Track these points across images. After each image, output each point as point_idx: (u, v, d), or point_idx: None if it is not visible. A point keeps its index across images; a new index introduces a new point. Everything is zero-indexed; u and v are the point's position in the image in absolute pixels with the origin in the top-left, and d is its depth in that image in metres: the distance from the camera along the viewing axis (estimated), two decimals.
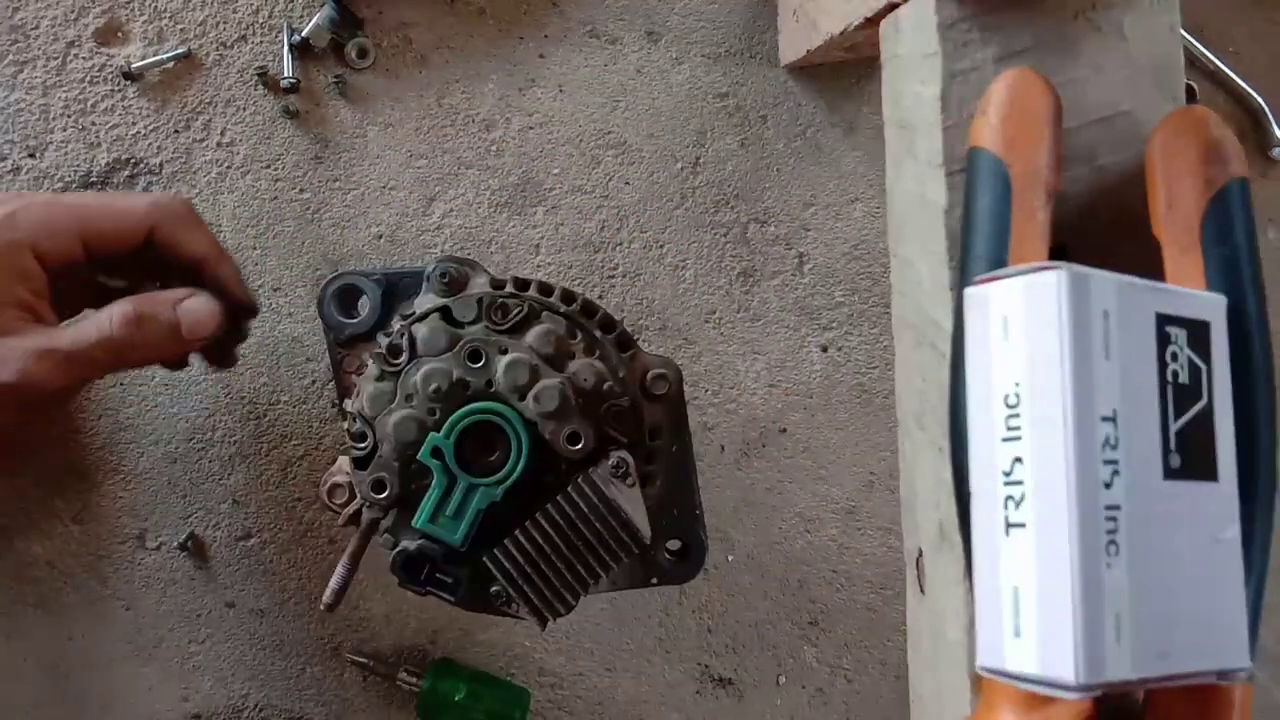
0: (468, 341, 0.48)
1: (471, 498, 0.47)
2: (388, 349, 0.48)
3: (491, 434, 0.47)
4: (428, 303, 0.50)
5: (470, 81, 0.60)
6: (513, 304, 0.49)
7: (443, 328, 0.48)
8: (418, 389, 0.47)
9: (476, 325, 0.48)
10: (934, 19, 0.38)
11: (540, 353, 0.48)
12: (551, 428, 0.47)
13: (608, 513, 0.47)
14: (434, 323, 0.48)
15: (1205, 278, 0.35)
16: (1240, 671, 0.32)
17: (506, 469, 0.47)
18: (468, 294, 0.50)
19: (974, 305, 0.33)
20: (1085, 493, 0.29)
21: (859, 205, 0.63)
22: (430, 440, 0.46)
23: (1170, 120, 0.36)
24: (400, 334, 0.49)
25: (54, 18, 0.58)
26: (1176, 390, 0.32)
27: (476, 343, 0.47)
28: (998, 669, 0.31)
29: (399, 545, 0.48)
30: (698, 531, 0.52)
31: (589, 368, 0.48)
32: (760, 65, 0.62)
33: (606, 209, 0.61)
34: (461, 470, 0.47)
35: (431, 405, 0.47)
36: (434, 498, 0.47)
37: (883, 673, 0.63)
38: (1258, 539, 0.34)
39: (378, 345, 0.50)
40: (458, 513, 0.47)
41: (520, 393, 0.47)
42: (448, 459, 0.47)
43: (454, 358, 0.47)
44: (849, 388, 0.63)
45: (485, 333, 0.48)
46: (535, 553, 0.47)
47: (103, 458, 0.58)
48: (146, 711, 0.58)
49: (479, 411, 0.47)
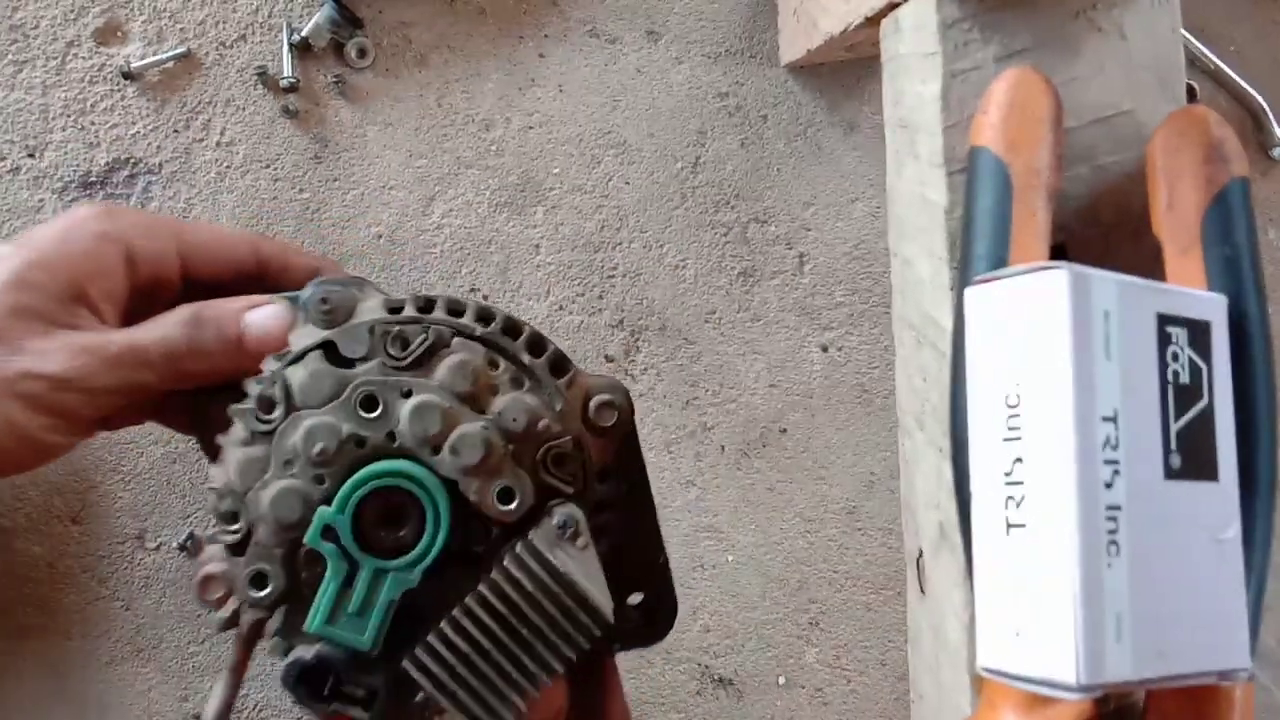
0: (359, 385, 0.38)
1: (379, 587, 0.37)
2: (257, 402, 0.39)
3: (399, 502, 0.38)
4: (306, 337, 0.40)
5: (470, 81, 0.60)
6: (414, 332, 0.39)
7: (326, 370, 0.39)
8: (298, 452, 0.37)
9: (370, 363, 0.39)
10: (934, 19, 0.38)
11: (455, 391, 0.38)
12: (476, 486, 0.38)
13: (558, 586, 0.37)
14: (314, 364, 0.39)
15: (1206, 278, 0.35)
16: (1241, 672, 0.32)
17: (422, 545, 0.37)
18: (355, 323, 0.40)
19: (974, 305, 0.33)
20: (1086, 493, 0.29)
21: (859, 205, 0.63)
22: (320, 518, 0.37)
23: (1171, 120, 0.36)
24: (271, 381, 0.39)
25: (53, 17, 0.57)
26: (1177, 390, 0.32)
27: (370, 386, 0.38)
28: (998, 669, 0.31)
29: (291, 653, 0.38)
30: (665, 586, 0.44)
31: (518, 404, 0.39)
32: (760, 65, 0.62)
33: (606, 209, 0.61)
34: (364, 552, 0.37)
35: (318, 472, 0.38)
36: (330, 591, 0.37)
37: (883, 673, 0.63)
38: (1258, 539, 0.34)
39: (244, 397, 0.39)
40: (363, 608, 0.37)
41: (432, 445, 0.38)
42: (344, 540, 0.37)
43: (343, 408, 0.38)
44: (849, 388, 0.63)
45: (382, 372, 0.39)
46: (470, 648, 0.37)
47: (103, 458, 0.58)
48: (146, 711, 0.58)
49: (381, 475, 0.37)
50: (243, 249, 0.46)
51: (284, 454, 0.38)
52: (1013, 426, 0.31)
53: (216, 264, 0.45)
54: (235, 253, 0.45)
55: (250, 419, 0.39)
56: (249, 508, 0.38)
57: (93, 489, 0.58)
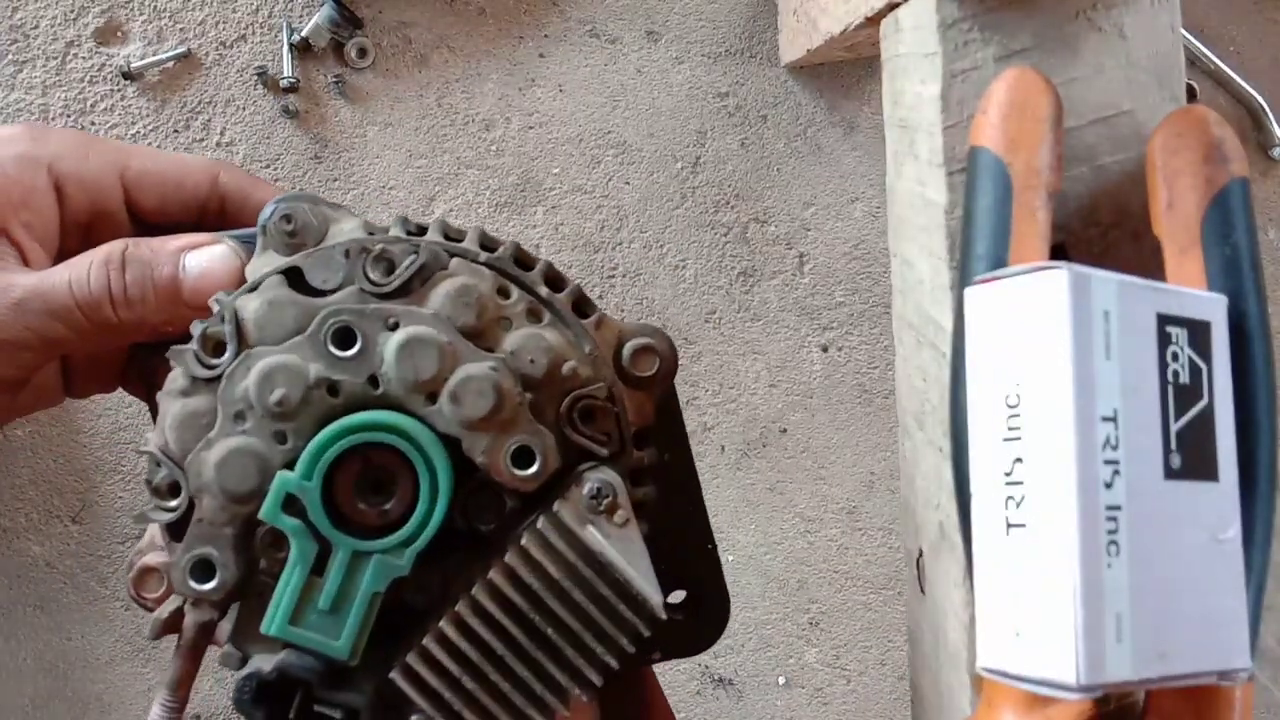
0: (331, 315, 0.30)
1: (358, 575, 0.29)
2: (200, 341, 0.31)
3: (383, 465, 0.30)
4: (264, 265, 0.32)
5: (470, 81, 0.60)
6: (401, 251, 0.31)
7: (287, 297, 0.31)
8: (252, 401, 0.30)
9: (344, 291, 0.31)
10: (934, 18, 0.38)
11: (456, 324, 0.31)
12: (485, 444, 0.30)
13: (591, 572, 0.29)
14: (272, 290, 0.31)
15: (1206, 278, 0.35)
16: (1241, 672, 0.32)
17: (414, 521, 0.29)
18: (327, 245, 0.32)
19: (974, 305, 0.33)
20: (1086, 493, 0.29)
21: (859, 205, 0.63)
22: (280, 485, 0.29)
23: (1171, 120, 0.36)
24: (219, 316, 0.31)
25: (53, 17, 0.57)
26: (1177, 390, 0.32)
27: (345, 316, 0.30)
28: (998, 669, 0.31)
29: (248, 664, 0.30)
30: (714, 577, 0.36)
31: (536, 341, 0.31)
32: (760, 65, 0.62)
33: (606, 209, 0.61)
34: (338, 530, 0.29)
35: (278, 427, 0.30)
36: (294, 582, 0.29)
37: (883, 673, 0.63)
38: (1258, 539, 0.34)
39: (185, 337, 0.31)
40: (338, 603, 0.29)
41: (427, 392, 0.30)
42: (312, 514, 0.29)
43: (310, 344, 0.30)
44: (849, 388, 0.63)
45: (360, 299, 0.31)
46: (478, 653, 0.29)
47: (103, 458, 0.58)
48: (146, 711, 0.58)
49: (359, 429, 0.29)
50: (199, 178, 0.39)
51: (233, 404, 0.30)
52: (1013, 426, 0.31)
53: (168, 195, 0.38)
54: (190, 181, 0.38)
55: (190, 362, 0.30)
56: (190, 475, 0.30)
57: (93, 489, 0.58)
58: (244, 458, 0.30)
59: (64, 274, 0.34)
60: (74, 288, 0.34)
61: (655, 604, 0.30)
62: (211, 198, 0.39)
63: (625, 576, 0.30)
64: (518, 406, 0.30)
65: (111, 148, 0.38)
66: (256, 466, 0.30)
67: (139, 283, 0.34)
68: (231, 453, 0.30)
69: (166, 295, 0.34)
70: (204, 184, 0.39)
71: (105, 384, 0.41)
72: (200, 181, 0.39)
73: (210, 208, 0.39)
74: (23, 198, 0.35)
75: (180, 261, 0.35)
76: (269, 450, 0.30)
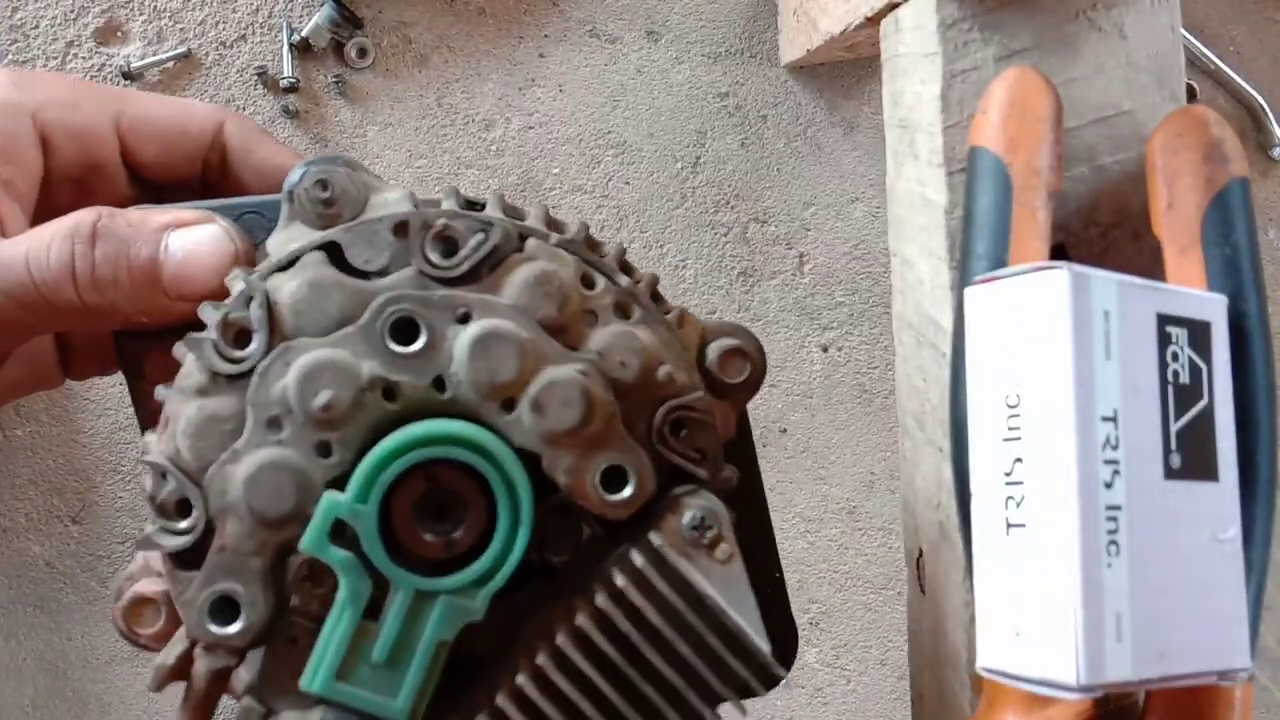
0: (390, 303, 0.25)
1: (422, 620, 0.24)
2: (220, 329, 0.26)
3: (451, 486, 0.25)
4: (293, 239, 0.27)
5: (470, 81, 0.60)
6: (465, 228, 0.26)
7: (333, 279, 0.26)
8: (291, 404, 0.25)
9: (397, 274, 0.26)
10: (934, 19, 0.38)
11: (536, 316, 0.26)
12: (569, 462, 0.25)
13: (697, 619, 0.25)
14: (314, 270, 0.26)
15: (1206, 278, 0.35)
16: (1241, 672, 0.32)
17: (492, 554, 0.25)
18: (370, 217, 0.27)
19: (974, 305, 0.33)
20: (1086, 493, 0.29)
21: (859, 205, 0.63)
22: (327, 509, 0.24)
23: (1171, 120, 0.36)
24: (245, 297, 0.26)
25: (53, 17, 0.57)
26: (1177, 390, 0.32)
27: (407, 305, 0.25)
28: (998, 669, 0.31)
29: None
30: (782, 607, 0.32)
31: (628, 341, 0.27)
32: (760, 65, 0.62)
33: (606, 209, 0.61)
34: (398, 565, 0.24)
35: (322, 437, 0.25)
36: (342, 629, 0.24)
37: (883, 673, 0.63)
38: (1258, 539, 0.34)
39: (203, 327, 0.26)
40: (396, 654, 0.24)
41: (503, 398, 0.25)
42: (367, 545, 0.24)
43: (363, 337, 0.25)
44: (849, 388, 0.63)
45: (420, 284, 0.26)
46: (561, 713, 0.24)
47: (103, 458, 0.58)
48: (146, 711, 0.58)
49: (429, 442, 0.24)
50: (204, 124, 0.35)
51: (267, 408, 0.25)
52: (1013, 426, 0.31)
53: (169, 145, 0.34)
54: (194, 128, 0.34)
55: (210, 354, 0.25)
56: (211, 493, 0.25)
57: (93, 489, 0.58)
58: (279, 474, 0.25)
59: (23, 246, 0.30)
60: (31, 263, 0.29)
61: (768, 656, 0.25)
62: (214, 149, 0.35)
63: (736, 626, 0.25)
64: (610, 418, 0.26)
65: (106, 93, 0.34)
66: (294, 484, 0.25)
67: (111, 262, 0.29)
68: (264, 467, 0.25)
69: (143, 280, 0.29)
70: (208, 132, 0.35)
71: (107, 366, 0.38)
72: (205, 128, 0.35)
73: (211, 160, 0.35)
74: (1, 151, 0.31)
75: (162, 242, 0.29)
76: (309, 465, 0.25)
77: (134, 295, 0.29)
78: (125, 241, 0.29)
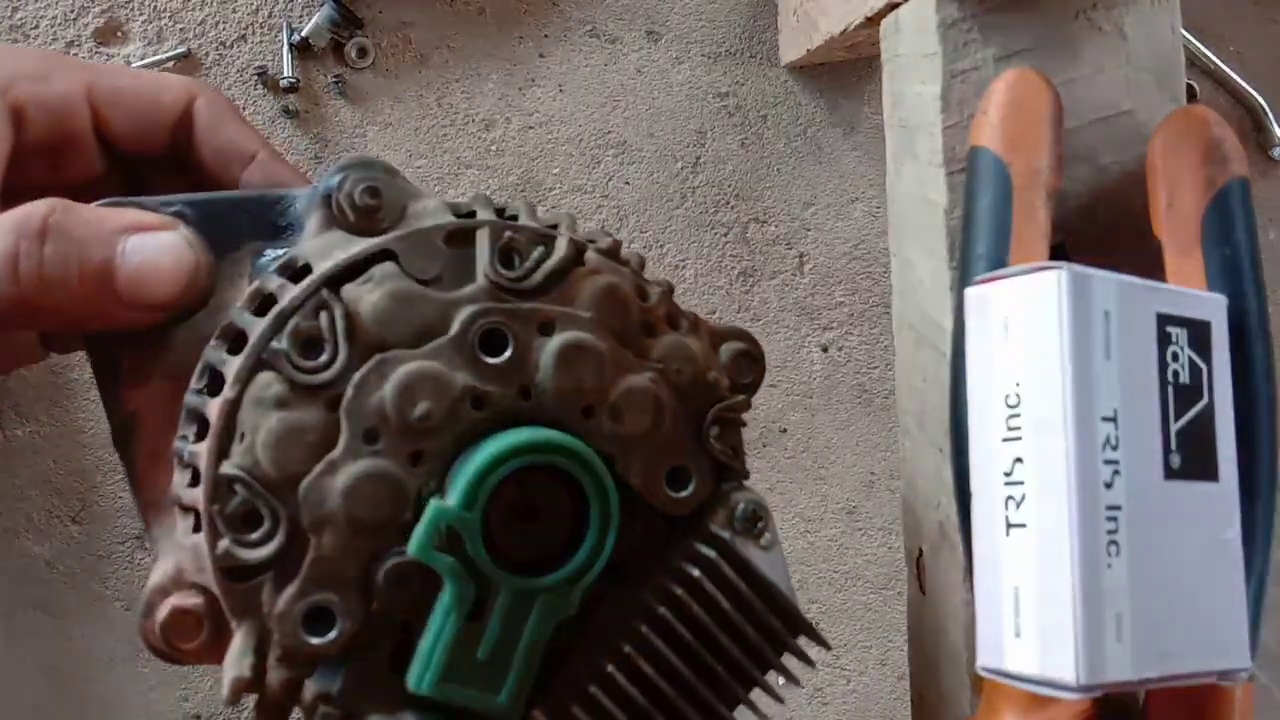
0: (479, 316, 0.26)
1: (522, 619, 0.25)
2: (291, 339, 0.26)
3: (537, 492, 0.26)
4: (340, 244, 0.27)
5: (470, 81, 0.60)
6: (527, 240, 0.27)
7: (414, 291, 0.26)
8: (388, 415, 0.25)
9: (473, 286, 0.27)
10: (934, 19, 0.38)
11: (611, 328, 0.27)
12: (640, 463, 0.27)
13: (757, 598, 0.28)
14: (392, 281, 0.26)
15: (1206, 278, 0.35)
16: (1241, 672, 0.32)
17: (585, 553, 0.26)
18: (419, 227, 0.27)
19: (974, 305, 0.33)
20: (1086, 493, 0.29)
21: (859, 205, 0.63)
22: (435, 516, 0.25)
23: (1171, 120, 0.36)
24: (315, 307, 0.26)
25: (53, 17, 0.57)
26: (1177, 390, 0.32)
27: (496, 318, 0.26)
28: (998, 669, 0.31)
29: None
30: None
31: (680, 349, 0.29)
32: (760, 65, 0.62)
33: (606, 209, 0.61)
34: (499, 567, 0.25)
35: (416, 447, 0.26)
36: (449, 631, 0.25)
37: (882, 673, 0.63)
38: (1258, 539, 0.34)
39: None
40: (499, 652, 0.25)
41: (585, 405, 0.27)
42: (471, 549, 0.25)
43: (453, 348, 0.26)
44: (849, 388, 0.63)
45: (494, 297, 0.27)
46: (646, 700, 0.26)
47: (102, 458, 0.58)
48: (146, 711, 0.58)
49: (532, 449, 0.25)
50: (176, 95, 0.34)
51: (364, 419, 0.25)
52: (1013, 426, 0.31)
53: (141, 116, 0.33)
54: (167, 99, 0.34)
55: (287, 365, 0.25)
56: (306, 505, 0.25)
57: (93, 489, 0.58)
58: (378, 483, 0.25)
59: None
60: None
61: (818, 631, 0.30)
62: (183, 122, 0.34)
63: (792, 605, 0.29)
64: (675, 422, 0.28)
65: (79, 65, 0.33)
66: (391, 493, 0.25)
67: (61, 261, 0.27)
68: (363, 478, 0.25)
69: (94, 284, 0.27)
70: (180, 103, 0.34)
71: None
72: (178, 99, 0.34)
73: (179, 133, 0.34)
74: None
75: (119, 245, 0.28)
76: (404, 474, 0.26)
77: (84, 299, 0.28)
78: (79, 242, 0.28)
